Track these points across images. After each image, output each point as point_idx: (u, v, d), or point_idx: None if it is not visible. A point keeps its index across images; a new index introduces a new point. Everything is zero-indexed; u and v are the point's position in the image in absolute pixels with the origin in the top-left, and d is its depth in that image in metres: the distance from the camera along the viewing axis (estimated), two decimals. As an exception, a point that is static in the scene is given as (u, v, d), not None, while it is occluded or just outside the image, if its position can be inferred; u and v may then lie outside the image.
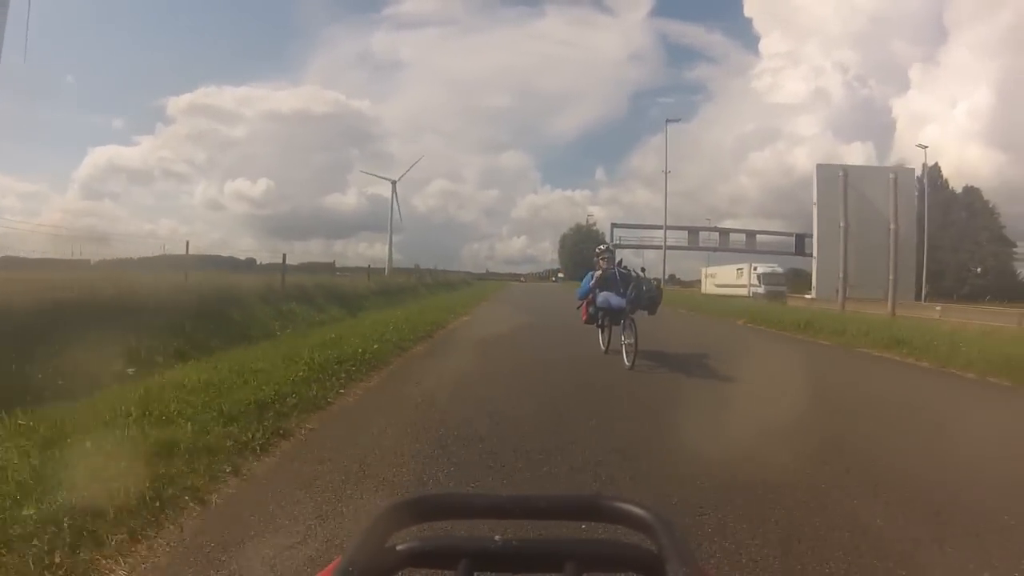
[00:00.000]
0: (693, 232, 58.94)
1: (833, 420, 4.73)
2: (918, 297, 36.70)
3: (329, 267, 15.56)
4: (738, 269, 39.77)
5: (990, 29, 71.46)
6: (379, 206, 75.52)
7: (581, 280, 8.41)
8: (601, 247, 8.58)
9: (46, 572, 2.00)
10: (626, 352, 7.16)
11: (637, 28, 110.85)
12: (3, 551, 2.06)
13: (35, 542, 2.11)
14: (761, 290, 32.38)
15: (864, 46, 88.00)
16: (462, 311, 16.46)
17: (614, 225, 60.30)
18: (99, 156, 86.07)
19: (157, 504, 2.54)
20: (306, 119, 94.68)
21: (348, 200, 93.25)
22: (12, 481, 2.59)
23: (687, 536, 0.81)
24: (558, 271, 77.86)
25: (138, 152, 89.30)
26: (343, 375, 5.63)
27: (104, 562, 2.14)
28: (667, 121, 49.48)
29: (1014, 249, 57.10)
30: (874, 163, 73.32)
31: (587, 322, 8.42)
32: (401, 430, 4.06)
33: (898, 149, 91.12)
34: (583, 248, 73.91)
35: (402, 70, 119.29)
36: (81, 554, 2.12)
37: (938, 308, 24.47)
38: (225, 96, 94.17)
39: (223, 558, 2.22)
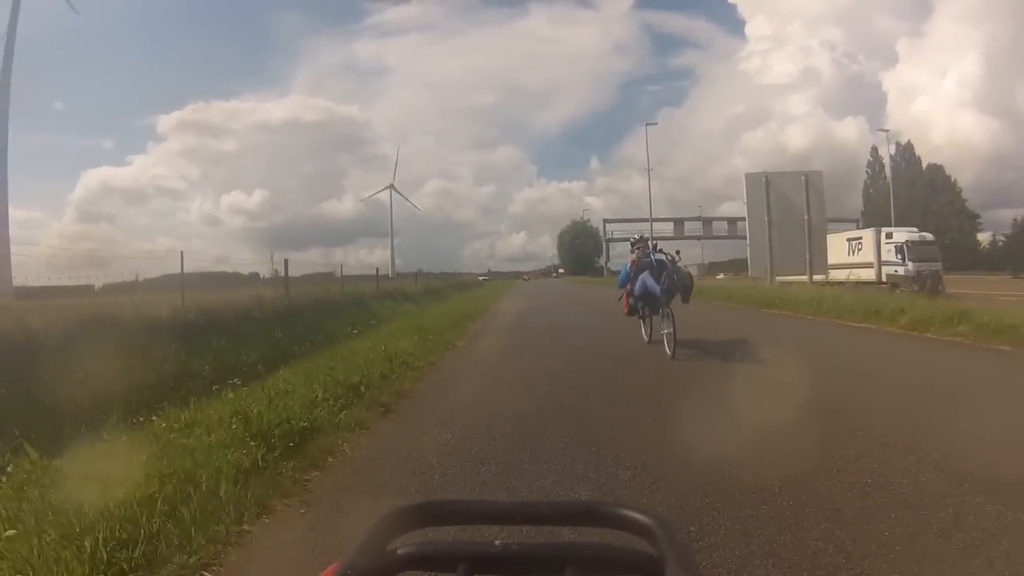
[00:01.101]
0: (678, 222, 66.09)
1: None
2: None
3: (329, 276, 19.25)
4: (851, 240, 25.38)
5: None
6: (377, 211, 79.09)
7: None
8: (635, 237, 9.19)
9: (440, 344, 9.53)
10: (667, 341, 7.43)
11: (620, 20, 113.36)
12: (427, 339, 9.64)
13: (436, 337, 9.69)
14: (907, 270, 21.45)
15: (850, 23, 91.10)
16: (491, 302, 23.98)
17: (605, 221, 67.41)
18: (92, 178, 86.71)
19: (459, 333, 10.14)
20: (297, 128, 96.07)
21: (345, 207, 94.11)
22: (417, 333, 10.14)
23: (687, 540, 0.84)
24: (558, 267, 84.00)
25: (131, 172, 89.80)
26: (466, 321, 13.22)
27: (451, 347, 9.72)
28: (646, 124, 52.38)
29: (978, 220, 63.27)
30: (867, 137, 76.79)
31: (628, 314, 8.76)
32: (501, 327, 11.84)
33: (891, 122, 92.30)
34: (580, 243, 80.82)
35: (388, 75, 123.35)
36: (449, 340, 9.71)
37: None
38: (214, 111, 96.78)
39: (474, 348, 9.79)
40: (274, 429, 3.71)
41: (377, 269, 23.29)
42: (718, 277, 39.53)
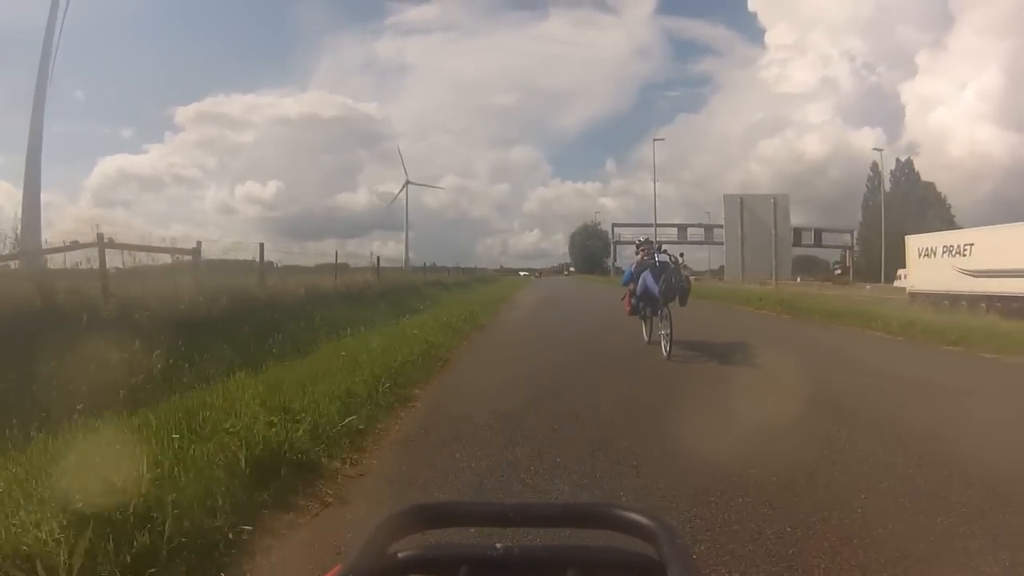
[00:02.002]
0: (682, 228, 72.19)
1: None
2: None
3: (343, 267, 19.55)
4: None
5: (997, 10, 71.06)
6: (391, 205, 79.99)
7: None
8: (641, 239, 9.53)
9: (489, 311, 16.16)
10: (663, 342, 7.80)
11: (641, 25, 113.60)
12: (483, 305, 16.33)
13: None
14: None
15: (871, 34, 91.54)
16: (513, 291, 30.62)
17: (614, 224, 73.80)
18: (108, 165, 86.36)
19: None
20: (314, 123, 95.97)
21: (359, 199, 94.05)
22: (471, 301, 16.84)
23: (689, 543, 0.85)
24: (569, 265, 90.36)
25: (147, 160, 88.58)
26: (499, 303, 19.85)
27: (497, 312, 16.37)
28: (654, 140, 56.56)
29: None
30: (884, 147, 76.76)
31: (631, 314, 9.04)
32: (527, 303, 18.56)
33: (908, 134, 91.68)
34: (590, 244, 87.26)
35: (408, 74, 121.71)
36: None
37: (867, 287, 37.60)
38: (233, 104, 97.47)
39: (510, 315, 16.42)
40: (451, 326, 10.34)
41: (430, 263, 30.18)
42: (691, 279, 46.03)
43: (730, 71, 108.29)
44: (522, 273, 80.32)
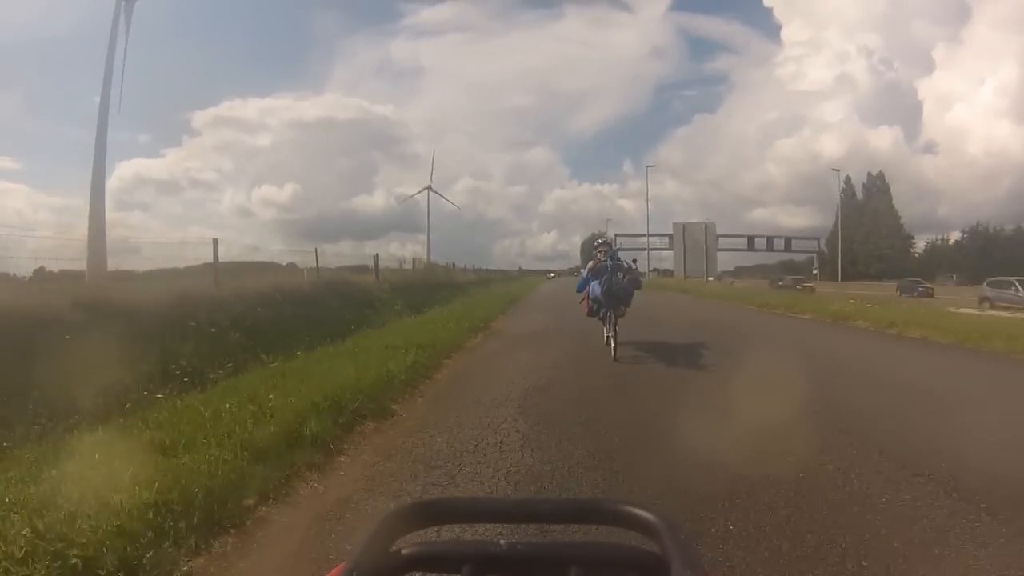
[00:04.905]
0: (672, 237, 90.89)
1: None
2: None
3: (362, 268, 22.11)
4: None
5: (1014, 3, 73.07)
6: (409, 207, 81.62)
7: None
8: (600, 240, 10.05)
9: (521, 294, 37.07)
10: (612, 344, 8.24)
11: (656, 24, 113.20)
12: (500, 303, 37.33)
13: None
14: None
15: (887, 29, 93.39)
16: (536, 287, 51.09)
17: (617, 235, 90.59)
18: (126, 169, 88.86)
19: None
20: (330, 126, 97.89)
21: (376, 202, 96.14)
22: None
23: (692, 538, 0.87)
24: (580, 268, 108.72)
25: (164, 164, 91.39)
26: (528, 290, 40.63)
27: (526, 294, 37.37)
28: (647, 167, 71.92)
29: (912, 240, 78.83)
30: (902, 146, 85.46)
31: (589, 315, 9.49)
32: (547, 290, 39.68)
33: (926, 132, 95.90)
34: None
35: (424, 76, 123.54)
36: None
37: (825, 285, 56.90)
38: (249, 108, 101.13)
39: (533, 295, 37.36)
40: (520, 290, 31.15)
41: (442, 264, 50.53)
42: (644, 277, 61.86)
43: (746, 69, 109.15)
44: (550, 275, 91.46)
